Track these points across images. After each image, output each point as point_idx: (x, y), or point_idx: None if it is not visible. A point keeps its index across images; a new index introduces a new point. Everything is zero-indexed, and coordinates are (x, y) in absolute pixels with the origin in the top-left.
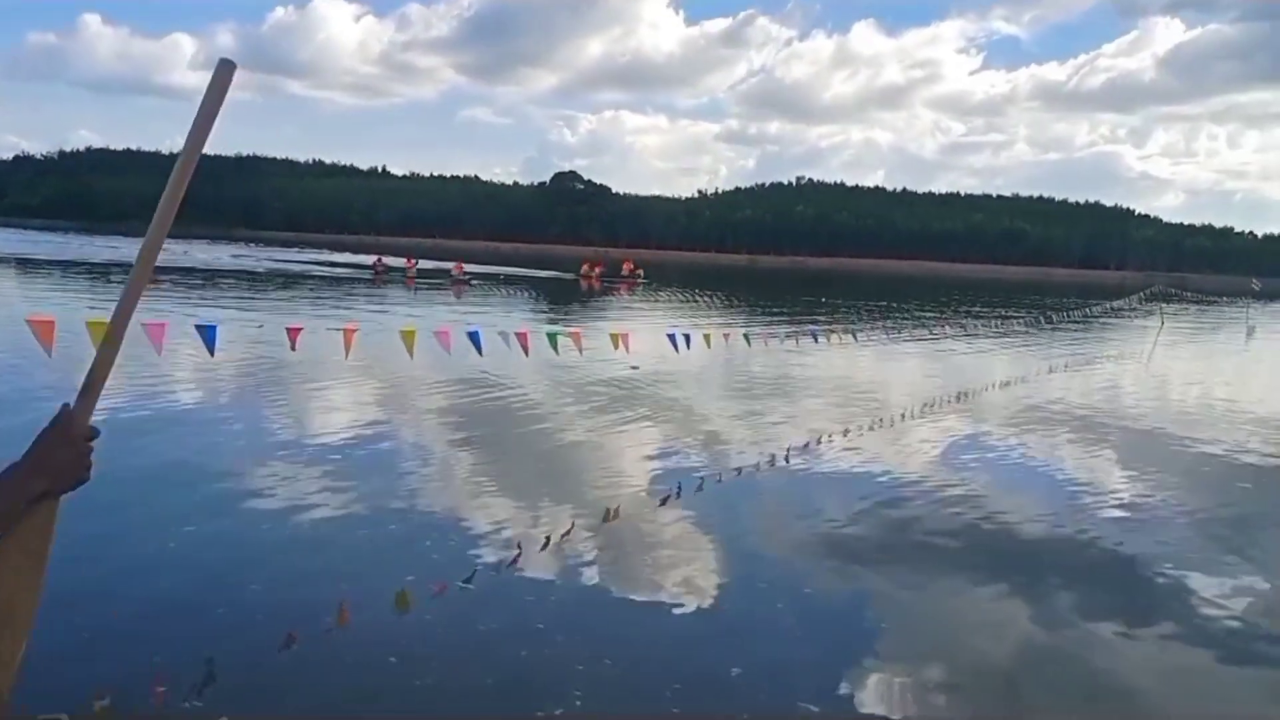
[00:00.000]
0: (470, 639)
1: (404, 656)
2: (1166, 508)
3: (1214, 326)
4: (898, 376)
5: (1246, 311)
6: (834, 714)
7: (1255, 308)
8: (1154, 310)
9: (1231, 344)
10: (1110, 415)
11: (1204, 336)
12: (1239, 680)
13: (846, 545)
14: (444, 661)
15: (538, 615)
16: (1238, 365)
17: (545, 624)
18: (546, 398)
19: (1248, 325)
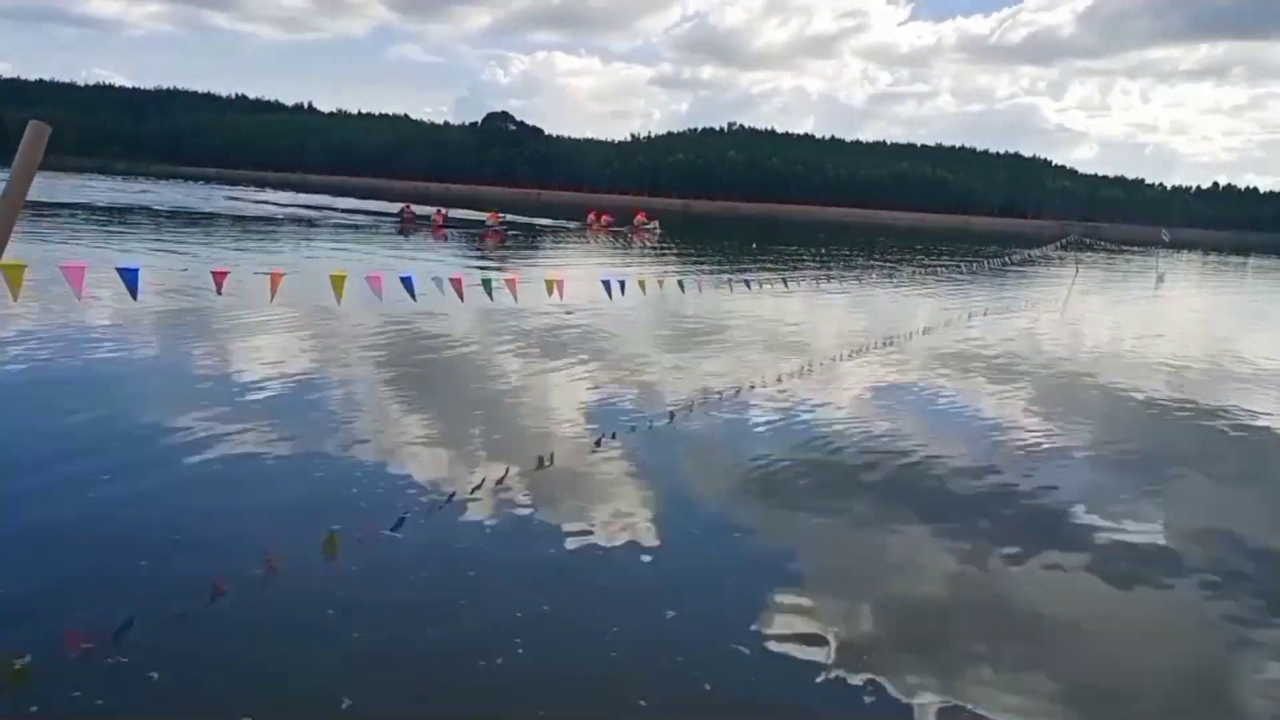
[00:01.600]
0: (406, 589)
1: (340, 608)
2: (1081, 447)
3: (1125, 275)
4: (827, 322)
5: (1156, 261)
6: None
7: (1163, 257)
8: (1069, 259)
9: (1141, 292)
10: (1029, 360)
11: (1116, 284)
12: (1148, 607)
13: (777, 488)
14: (380, 612)
15: (472, 562)
16: (1147, 312)
17: (480, 571)
18: (480, 343)
19: (1157, 274)
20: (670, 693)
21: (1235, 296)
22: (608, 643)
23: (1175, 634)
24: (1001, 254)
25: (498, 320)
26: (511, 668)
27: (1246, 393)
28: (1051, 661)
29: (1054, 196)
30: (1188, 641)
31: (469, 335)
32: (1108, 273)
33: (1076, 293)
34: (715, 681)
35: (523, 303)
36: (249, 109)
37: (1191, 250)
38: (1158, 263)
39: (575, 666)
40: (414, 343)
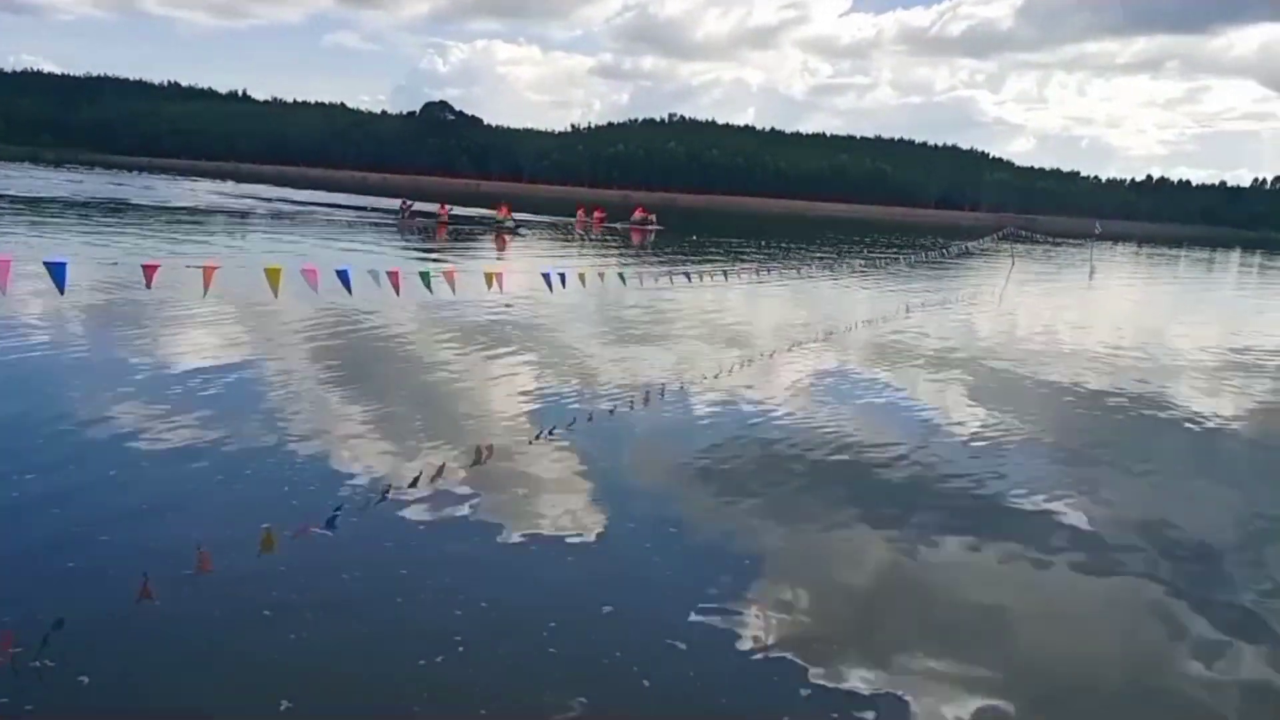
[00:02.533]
0: (342, 587)
1: (275, 607)
2: (1016, 436)
3: (1060, 267)
4: (768, 314)
5: (1090, 253)
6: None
7: (1097, 249)
8: (1005, 250)
9: (1075, 284)
10: (965, 352)
11: (1051, 276)
12: (1080, 592)
13: (716, 480)
14: (317, 611)
15: (408, 559)
16: (1081, 304)
17: (417, 568)
18: (419, 337)
19: (1090, 266)
20: (608, 689)
21: (1167, 289)
22: (546, 639)
23: (1106, 618)
24: (940, 246)
25: (438, 313)
26: (451, 665)
27: (1176, 383)
28: (985, 646)
29: (991, 189)
30: (1118, 625)
31: (407, 328)
32: (1043, 265)
33: (1012, 285)
34: (653, 677)
35: (464, 295)
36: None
37: (1125, 242)
38: (1091, 255)
39: (514, 663)
40: (351, 336)
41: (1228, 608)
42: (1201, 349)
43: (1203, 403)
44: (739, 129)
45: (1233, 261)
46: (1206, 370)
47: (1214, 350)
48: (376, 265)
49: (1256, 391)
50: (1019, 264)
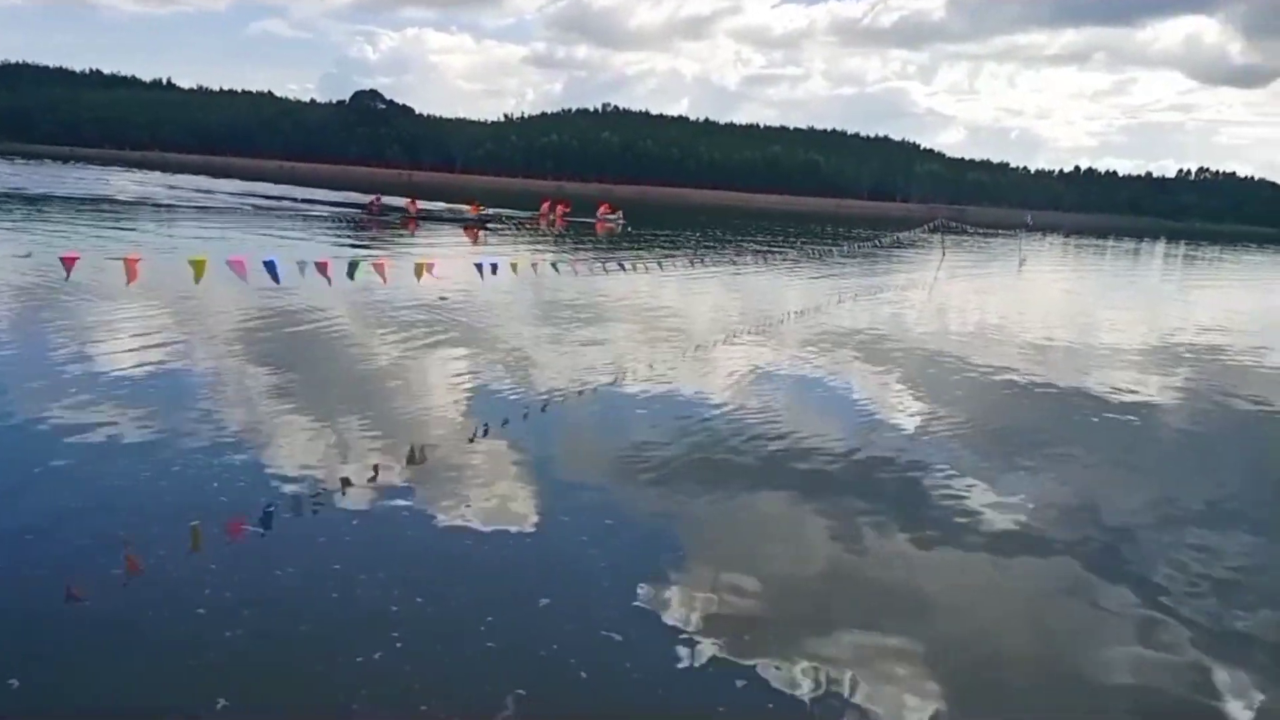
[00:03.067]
0: (276, 585)
1: (208, 606)
2: (948, 424)
3: (990, 258)
4: (703, 305)
5: (1019, 243)
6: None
7: (1027, 240)
8: (937, 242)
9: (1005, 274)
10: (898, 342)
11: (981, 267)
12: (1013, 577)
13: (653, 473)
14: (251, 610)
15: (342, 556)
16: (1011, 294)
17: (352, 565)
18: (351, 330)
19: (1020, 257)
20: (547, 681)
21: (1094, 279)
22: (484, 633)
23: (1034, 599)
24: (872, 237)
25: (371, 306)
26: (389, 662)
27: (1101, 370)
28: (917, 629)
29: (923, 180)
30: (1045, 606)
31: (340, 321)
32: (974, 256)
33: (943, 276)
34: (590, 669)
35: (396, 287)
36: (104, 84)
37: (1054, 233)
38: (1021, 246)
39: (452, 658)
40: (283, 329)
41: (1145, 587)
42: (1126, 337)
43: (1126, 389)
44: (673, 119)
45: (1158, 251)
46: (1130, 358)
47: (1138, 338)
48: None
49: (1178, 378)
50: (950, 255)
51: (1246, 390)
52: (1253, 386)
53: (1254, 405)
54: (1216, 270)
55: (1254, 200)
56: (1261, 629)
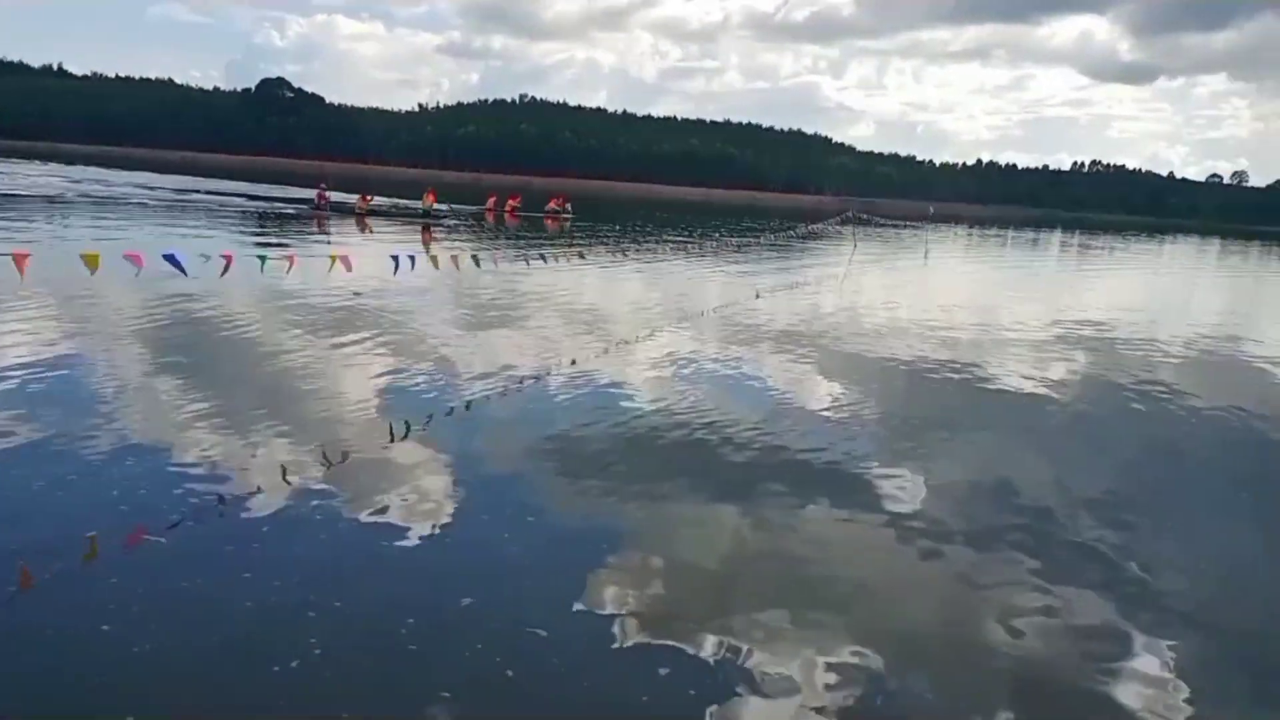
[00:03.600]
0: (184, 595)
1: (113, 619)
2: (862, 411)
3: (898, 249)
4: (623, 298)
5: (925, 235)
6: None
7: (931, 231)
8: (848, 233)
9: (912, 265)
10: (813, 331)
11: (890, 258)
12: (920, 558)
13: (575, 465)
14: (159, 621)
15: (254, 563)
16: (917, 283)
17: (265, 571)
18: (260, 327)
19: (925, 247)
20: (472, 682)
21: (996, 268)
22: (405, 636)
23: (948, 584)
24: (788, 229)
25: (281, 301)
26: (308, 669)
27: (1003, 355)
28: (835, 611)
29: (835, 173)
30: (956, 584)
31: (249, 318)
32: (883, 247)
33: (855, 266)
34: (516, 667)
35: (309, 282)
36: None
37: (958, 224)
38: (926, 237)
39: (373, 663)
40: (188, 328)
41: (1048, 563)
42: (1026, 324)
43: (1027, 373)
44: (591, 111)
45: (1055, 241)
46: (1031, 343)
47: (1038, 324)
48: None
49: (1076, 361)
50: (861, 246)
51: (1137, 372)
52: (1143, 368)
53: (1144, 385)
54: (1108, 259)
55: (1141, 192)
56: (1154, 597)
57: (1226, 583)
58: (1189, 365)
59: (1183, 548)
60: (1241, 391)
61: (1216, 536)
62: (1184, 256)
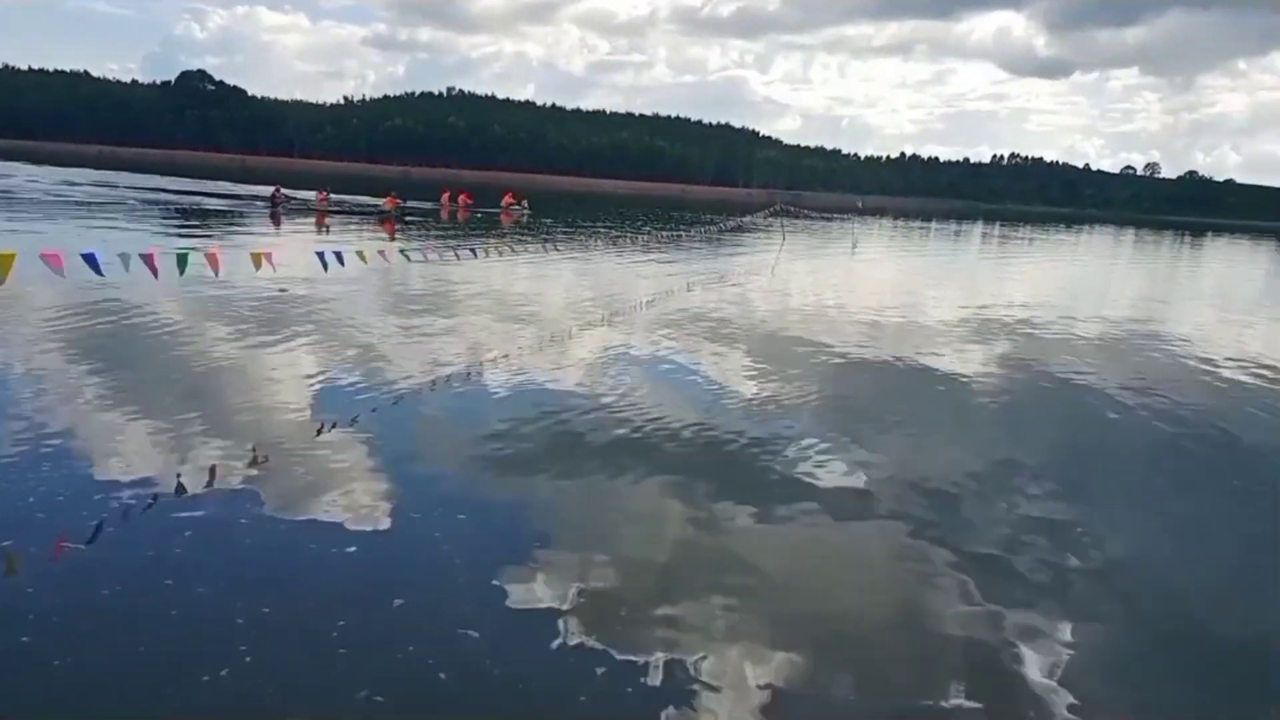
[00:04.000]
0: (108, 605)
1: (33, 632)
2: (795, 401)
3: (825, 241)
4: (555, 292)
5: (852, 227)
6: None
7: (858, 224)
8: (776, 226)
9: (839, 257)
10: (745, 323)
11: (818, 250)
12: (855, 545)
13: (508, 462)
14: (83, 633)
15: (180, 570)
16: (846, 274)
17: (190, 579)
18: (183, 325)
19: (852, 239)
20: (405, 685)
21: (920, 258)
22: (337, 639)
23: (882, 568)
24: (717, 222)
25: (205, 299)
26: (238, 676)
27: (930, 344)
28: (772, 602)
29: (762, 166)
30: (892, 570)
31: (171, 316)
32: (811, 239)
33: (784, 259)
34: (449, 669)
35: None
36: None
37: (883, 216)
38: (853, 229)
39: (305, 667)
40: (107, 327)
41: (973, 545)
42: (953, 312)
43: (955, 360)
44: (520, 104)
45: (976, 232)
46: (958, 331)
47: (961, 313)
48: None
49: (1000, 348)
50: (789, 238)
51: (1057, 356)
52: (1063, 352)
53: (1064, 369)
54: (1029, 249)
55: (1058, 183)
56: (1077, 577)
57: (1151, 559)
58: (1105, 349)
59: (1107, 526)
60: (1155, 373)
61: (1140, 514)
62: (1100, 246)
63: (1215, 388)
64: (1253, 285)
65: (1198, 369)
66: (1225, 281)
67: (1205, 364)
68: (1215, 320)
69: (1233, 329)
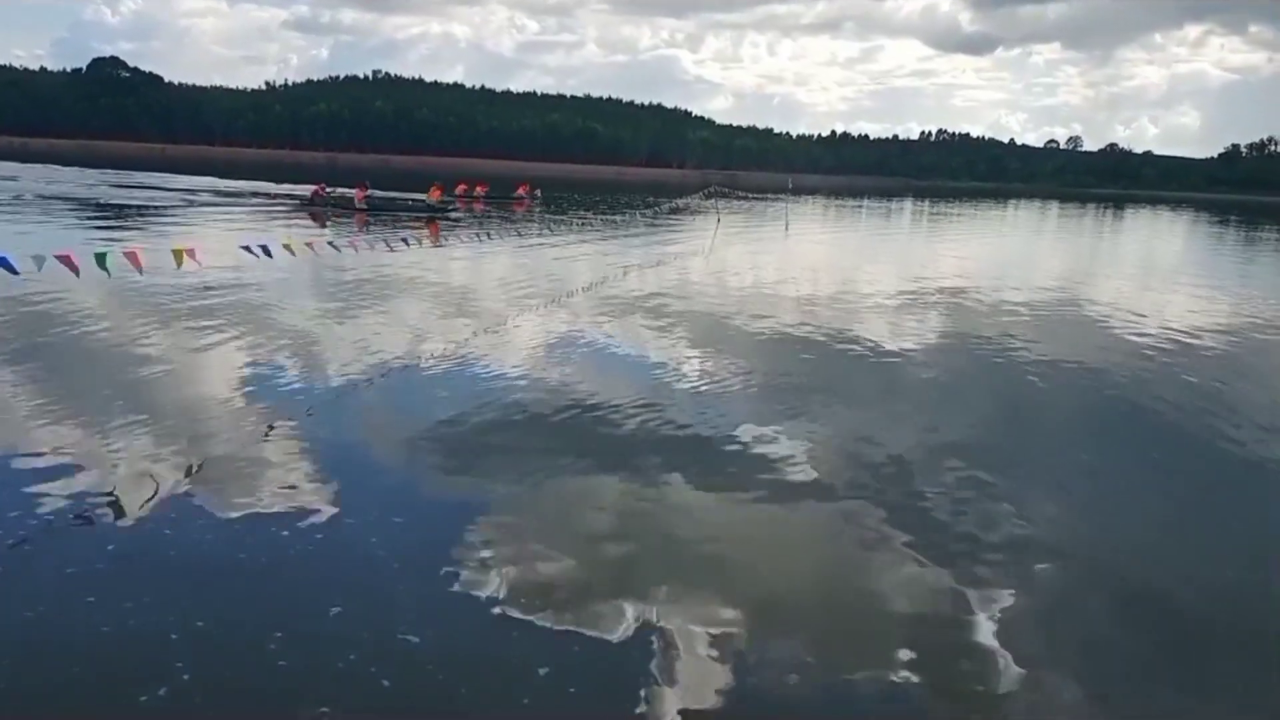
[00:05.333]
0: (30, 627)
1: None
2: (736, 381)
3: (760, 221)
4: (492, 280)
5: (785, 207)
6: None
7: (791, 203)
8: (711, 207)
9: (774, 236)
10: (684, 305)
11: (753, 230)
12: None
13: (450, 456)
14: (10, 658)
15: (107, 587)
16: (780, 254)
17: (122, 591)
18: (108, 325)
19: (786, 219)
20: (348, 696)
21: (853, 237)
22: (275, 651)
23: (826, 538)
24: (653, 204)
25: (129, 297)
26: (174, 696)
27: (865, 321)
28: (719, 579)
29: (696, 147)
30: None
31: (94, 315)
32: (745, 219)
33: (720, 240)
34: (392, 677)
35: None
36: None
37: (815, 195)
38: (786, 209)
39: (245, 682)
40: (29, 329)
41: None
42: (886, 288)
43: (889, 336)
44: (448, 87)
45: (907, 209)
46: (891, 307)
47: (897, 289)
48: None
49: (933, 322)
50: (724, 219)
51: (987, 330)
52: (993, 326)
53: (996, 341)
54: (958, 224)
55: (985, 158)
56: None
57: (1082, 525)
58: (1034, 321)
59: (1041, 493)
60: (1081, 343)
61: (1071, 482)
62: (1027, 220)
63: (1137, 354)
64: (1172, 256)
65: (1121, 337)
66: (1146, 252)
67: (1128, 332)
68: (1137, 290)
69: (1152, 298)
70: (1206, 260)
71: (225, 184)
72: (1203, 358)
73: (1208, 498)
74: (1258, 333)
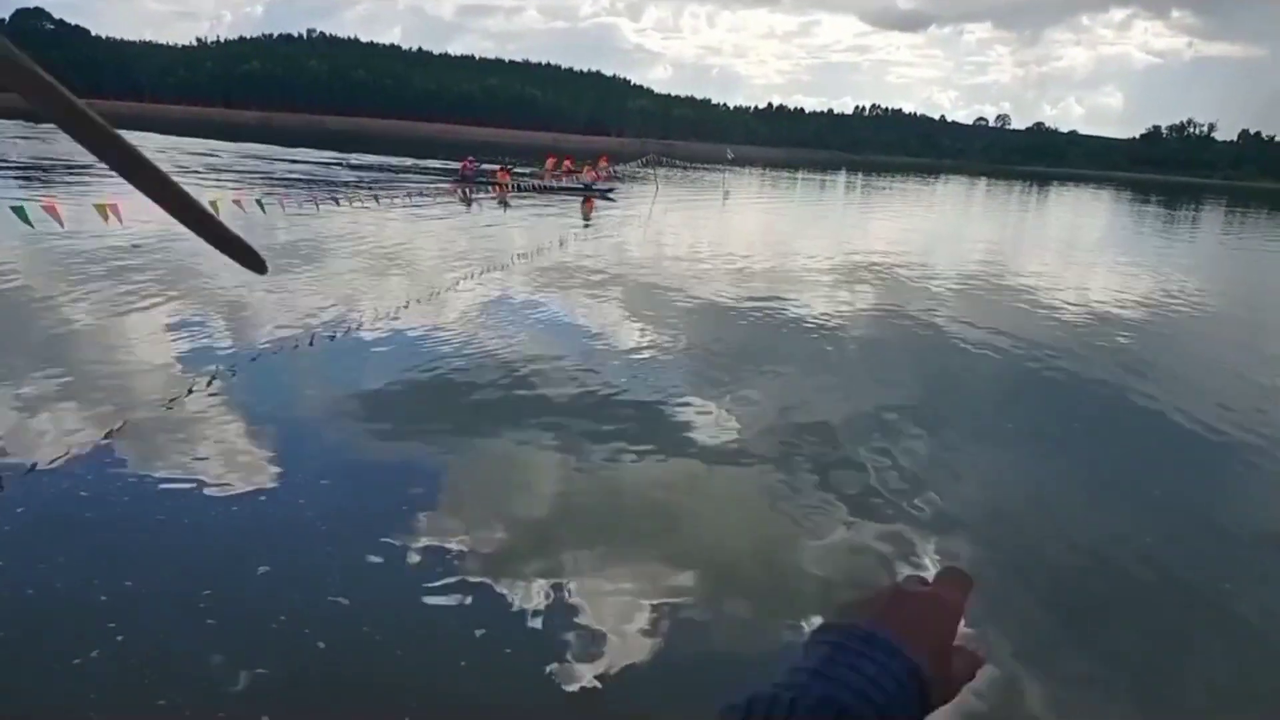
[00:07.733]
0: None
1: None
2: (673, 348)
3: (698, 191)
4: (429, 244)
5: (723, 177)
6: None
7: (729, 174)
8: (649, 176)
9: (712, 206)
10: (620, 273)
11: (691, 200)
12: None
13: (381, 419)
14: None
15: (38, 546)
16: (718, 224)
17: (50, 556)
18: (27, 284)
19: (724, 190)
20: (282, 656)
21: (789, 208)
22: (204, 610)
23: (759, 501)
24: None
25: (50, 255)
26: (105, 659)
27: (800, 291)
28: (660, 547)
29: (634, 115)
30: (769, 506)
31: (10, 273)
32: (683, 189)
33: (658, 209)
34: (326, 637)
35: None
36: None
37: (752, 166)
38: (724, 179)
39: (176, 643)
40: None
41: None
42: (820, 260)
43: (823, 307)
44: (385, 48)
45: (841, 182)
46: (825, 279)
47: (831, 260)
48: None
49: (865, 294)
50: (663, 189)
51: (916, 300)
52: (923, 297)
53: (924, 313)
54: (889, 198)
55: (916, 134)
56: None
57: (1003, 488)
58: (962, 292)
59: (968, 458)
60: (1006, 314)
61: (996, 447)
62: (956, 195)
63: (1060, 324)
64: (1093, 232)
65: (1045, 308)
66: (1069, 228)
67: (1052, 303)
68: (1060, 264)
69: (1075, 271)
70: (1129, 239)
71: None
72: (1124, 330)
73: (1127, 464)
74: (1176, 307)
